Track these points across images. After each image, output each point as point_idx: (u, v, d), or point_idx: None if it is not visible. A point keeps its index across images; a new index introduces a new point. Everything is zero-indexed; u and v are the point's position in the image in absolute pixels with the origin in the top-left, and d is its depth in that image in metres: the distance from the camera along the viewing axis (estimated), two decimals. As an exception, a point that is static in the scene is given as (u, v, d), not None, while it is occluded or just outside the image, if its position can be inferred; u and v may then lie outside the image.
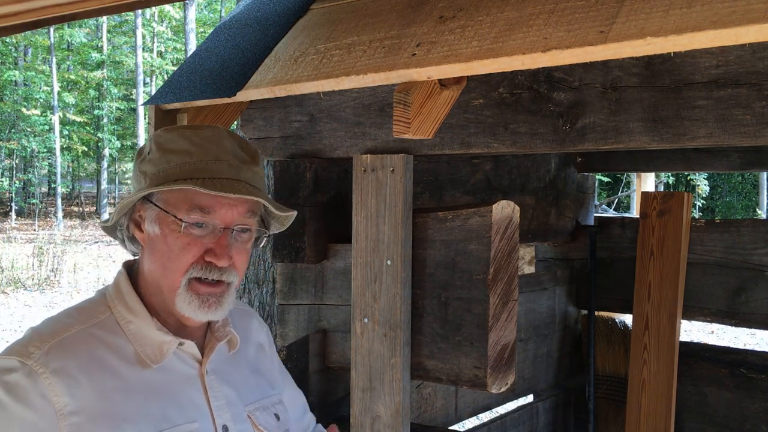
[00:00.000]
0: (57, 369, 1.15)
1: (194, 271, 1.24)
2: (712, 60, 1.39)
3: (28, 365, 1.15)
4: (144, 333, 1.26)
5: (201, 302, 1.24)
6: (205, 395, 1.29)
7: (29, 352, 1.17)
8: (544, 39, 1.32)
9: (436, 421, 2.41)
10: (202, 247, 1.24)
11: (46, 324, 1.25)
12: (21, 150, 25.97)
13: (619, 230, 2.99)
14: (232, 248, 1.25)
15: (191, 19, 22.62)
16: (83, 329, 1.23)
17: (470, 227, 1.76)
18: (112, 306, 1.28)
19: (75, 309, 1.29)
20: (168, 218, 1.24)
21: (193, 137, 1.27)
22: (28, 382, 1.14)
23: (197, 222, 1.23)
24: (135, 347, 1.25)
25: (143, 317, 1.27)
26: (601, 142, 1.53)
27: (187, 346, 1.29)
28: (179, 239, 1.23)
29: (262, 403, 1.41)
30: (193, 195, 1.23)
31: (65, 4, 1.46)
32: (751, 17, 1.08)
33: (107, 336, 1.24)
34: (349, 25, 1.75)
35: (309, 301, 2.07)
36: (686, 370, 2.87)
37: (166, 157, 1.26)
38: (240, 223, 1.27)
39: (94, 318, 1.26)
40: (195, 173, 1.23)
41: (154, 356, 1.25)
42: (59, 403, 1.14)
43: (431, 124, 1.55)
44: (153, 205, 1.26)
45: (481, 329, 1.73)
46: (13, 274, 13.57)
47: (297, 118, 2.01)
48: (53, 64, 25.47)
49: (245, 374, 1.42)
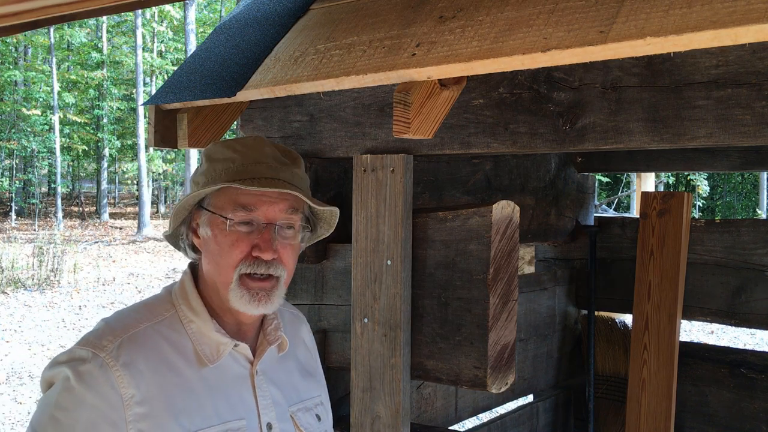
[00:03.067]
0: (126, 362, 1.25)
1: (243, 267, 1.32)
2: (712, 60, 1.39)
3: (101, 357, 1.24)
4: (203, 333, 1.35)
5: (251, 296, 1.32)
6: (254, 394, 1.38)
7: (103, 345, 1.26)
8: (544, 39, 1.31)
9: (436, 421, 2.41)
10: (249, 244, 1.32)
11: (117, 318, 1.34)
12: (21, 150, 25.97)
13: (619, 230, 2.99)
14: (277, 243, 1.33)
15: (191, 19, 22.61)
16: (150, 326, 1.32)
17: (470, 227, 1.76)
18: (177, 305, 1.38)
19: (143, 305, 1.39)
20: (217, 219, 1.34)
21: (236, 146, 1.38)
22: (99, 373, 1.23)
23: (243, 220, 1.32)
24: (194, 346, 1.34)
25: (204, 318, 1.36)
26: (601, 142, 1.53)
27: (242, 347, 1.38)
28: (227, 237, 1.32)
29: (305, 404, 1.49)
30: (237, 195, 1.33)
31: (65, 4, 1.46)
32: (751, 17, 1.08)
33: (171, 333, 1.33)
34: (349, 25, 1.75)
35: (309, 301, 2.07)
36: (686, 370, 2.87)
37: (213, 166, 1.37)
38: (282, 219, 1.35)
39: (160, 315, 1.35)
40: (237, 175, 1.33)
41: (212, 355, 1.34)
42: (126, 393, 1.23)
43: (431, 124, 1.55)
44: (205, 210, 1.36)
45: (481, 329, 1.73)
46: (13, 274, 13.57)
47: (297, 118, 2.01)
48: (53, 64, 25.46)
49: (291, 376, 1.50)
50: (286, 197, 1.35)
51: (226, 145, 1.39)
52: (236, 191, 1.33)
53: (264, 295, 1.33)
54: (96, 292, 12.97)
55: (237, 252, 1.32)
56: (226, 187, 1.34)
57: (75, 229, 23.56)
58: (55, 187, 25.18)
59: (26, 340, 9.33)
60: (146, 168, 24.97)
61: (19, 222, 24.98)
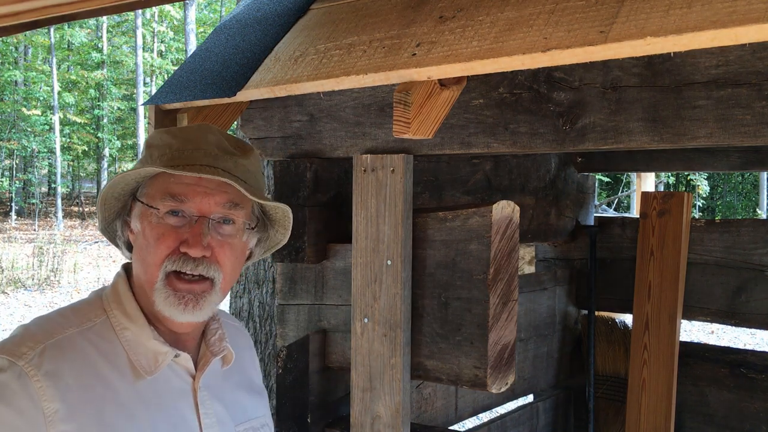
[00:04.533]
0: (49, 372, 1.09)
1: (169, 264, 1.17)
2: (712, 60, 1.39)
3: (19, 366, 1.08)
4: (139, 341, 1.20)
5: (178, 299, 1.17)
6: (196, 411, 1.24)
7: (21, 352, 1.10)
8: (544, 39, 1.31)
9: (436, 421, 2.41)
10: (177, 238, 1.17)
11: (38, 323, 1.18)
12: (21, 150, 25.97)
13: (619, 230, 2.99)
14: (209, 238, 1.18)
15: (191, 19, 22.62)
16: (78, 332, 1.17)
17: (470, 227, 1.76)
18: (109, 310, 1.22)
19: (69, 309, 1.23)
20: (147, 211, 1.20)
21: (177, 132, 1.25)
22: (17, 384, 1.07)
23: (172, 209, 1.18)
24: (129, 355, 1.19)
25: (140, 324, 1.21)
26: (601, 142, 1.53)
27: (183, 358, 1.23)
28: (155, 230, 1.18)
29: (251, 423, 1.36)
30: (168, 184, 1.19)
31: (65, 4, 1.46)
32: (751, 17, 1.08)
33: (101, 342, 1.18)
34: (349, 25, 1.75)
35: (309, 301, 2.07)
36: (686, 370, 2.87)
37: (150, 152, 1.23)
38: (218, 213, 1.20)
39: (89, 321, 1.20)
40: (170, 161, 1.20)
41: (149, 367, 1.19)
42: (49, 408, 1.07)
43: (431, 124, 1.55)
44: (138, 201, 1.23)
45: (481, 329, 1.73)
46: (13, 274, 13.57)
47: (297, 118, 2.01)
48: (53, 64, 25.46)
49: (237, 392, 1.36)
50: (224, 189, 1.20)
51: (168, 131, 1.25)
52: (168, 180, 1.18)
53: (192, 298, 1.17)
54: (96, 292, 12.95)
55: (163, 247, 1.16)
56: (159, 176, 1.20)
57: (75, 229, 23.56)
58: (55, 187, 25.18)
59: (26, 340, 9.32)
60: (146, 168, 24.91)
61: (19, 222, 24.98)
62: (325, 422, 2.06)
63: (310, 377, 2.03)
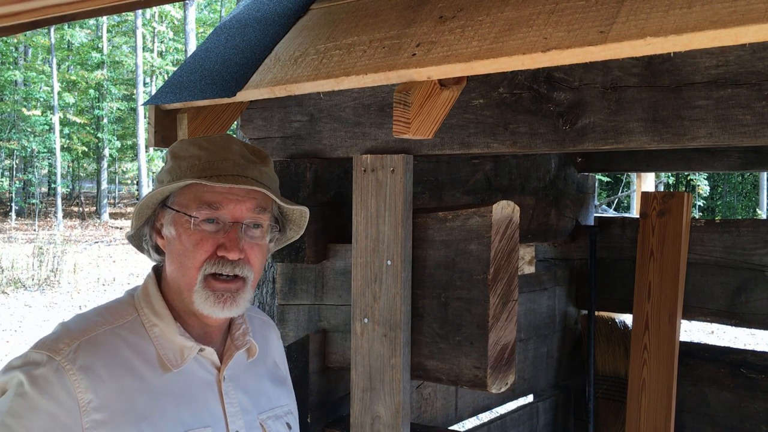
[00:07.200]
0: (83, 366, 1.20)
1: (208, 267, 1.28)
2: (712, 60, 1.39)
3: (56, 361, 1.20)
4: (167, 337, 1.31)
5: (216, 298, 1.28)
6: (221, 401, 1.33)
7: (59, 348, 1.21)
8: (544, 39, 1.32)
9: (436, 421, 2.41)
10: (214, 243, 1.28)
11: (76, 321, 1.30)
12: (21, 150, 25.98)
13: (619, 230, 2.99)
14: (243, 242, 1.29)
15: (191, 19, 22.62)
16: (110, 329, 1.28)
17: (470, 227, 1.76)
18: (139, 308, 1.33)
19: (104, 308, 1.34)
20: (182, 218, 1.30)
21: (203, 143, 1.34)
22: (54, 377, 1.18)
23: (207, 218, 1.28)
24: (157, 350, 1.29)
25: (167, 321, 1.32)
26: (601, 142, 1.53)
27: (207, 352, 1.34)
28: (192, 236, 1.28)
29: (275, 412, 1.45)
30: (202, 193, 1.29)
31: (65, 4, 1.46)
32: (751, 17, 1.08)
33: (132, 337, 1.29)
34: (349, 25, 1.75)
35: (309, 301, 2.07)
36: (686, 370, 2.87)
37: (178, 163, 1.32)
38: (249, 218, 1.31)
39: (122, 319, 1.31)
40: (202, 172, 1.29)
41: (175, 360, 1.30)
42: (83, 399, 1.18)
43: (431, 124, 1.55)
44: (169, 209, 1.32)
45: (481, 329, 1.73)
46: (13, 274, 13.57)
47: (297, 118, 2.01)
48: (53, 64, 25.46)
49: (261, 383, 1.45)
50: (253, 195, 1.31)
51: (192, 143, 1.34)
52: (201, 189, 1.29)
53: (229, 296, 1.29)
54: (96, 293, 12.97)
55: (202, 252, 1.28)
56: (191, 185, 1.30)
57: (75, 229, 23.55)
58: (55, 187, 25.18)
59: (26, 341, 9.32)
60: (146, 168, 24.99)
61: (19, 222, 24.98)
62: (325, 422, 2.06)
63: (310, 377, 2.03)
